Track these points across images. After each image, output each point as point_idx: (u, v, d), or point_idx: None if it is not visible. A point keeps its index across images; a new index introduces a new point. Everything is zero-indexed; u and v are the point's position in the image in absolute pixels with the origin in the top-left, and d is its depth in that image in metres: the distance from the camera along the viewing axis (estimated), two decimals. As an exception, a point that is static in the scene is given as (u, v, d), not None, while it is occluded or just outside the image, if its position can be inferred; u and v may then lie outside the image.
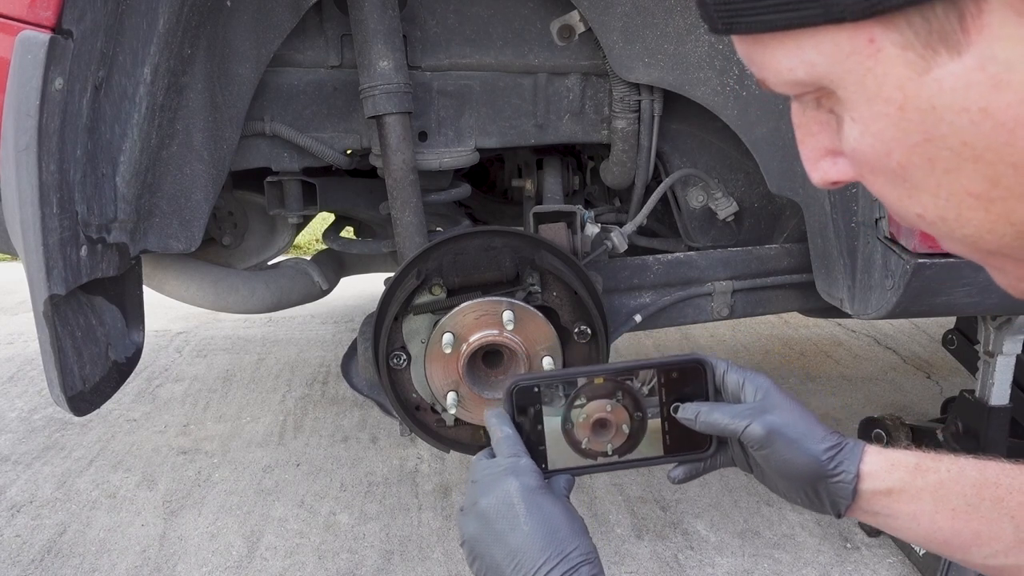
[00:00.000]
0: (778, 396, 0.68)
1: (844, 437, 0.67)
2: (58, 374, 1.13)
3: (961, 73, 0.34)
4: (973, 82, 0.34)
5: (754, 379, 0.70)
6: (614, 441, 0.72)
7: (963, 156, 0.36)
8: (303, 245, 5.33)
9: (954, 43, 0.34)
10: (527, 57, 1.47)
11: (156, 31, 1.15)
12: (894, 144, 0.38)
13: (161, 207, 1.33)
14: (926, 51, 0.35)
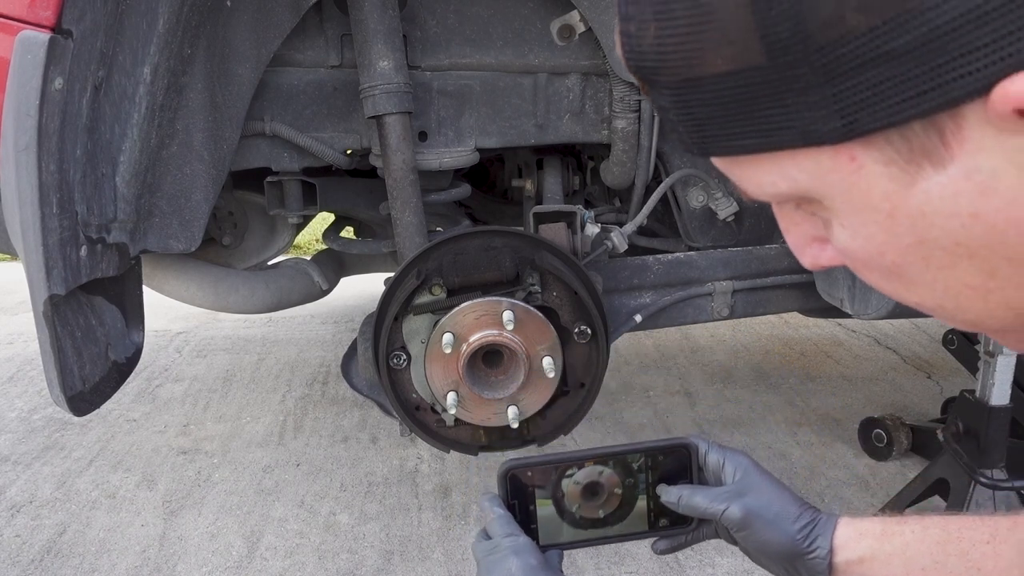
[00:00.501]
0: (755, 476, 0.72)
1: (818, 512, 0.70)
2: (58, 374, 1.13)
3: (947, 183, 0.34)
4: (961, 191, 0.34)
5: (733, 458, 0.74)
6: (606, 506, 0.76)
7: (957, 254, 0.36)
8: (303, 245, 5.33)
9: (937, 157, 0.34)
10: (527, 57, 1.47)
11: (156, 31, 1.14)
12: (886, 247, 0.38)
13: (161, 207, 1.33)
14: (909, 166, 0.34)
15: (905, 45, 0.31)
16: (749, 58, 0.34)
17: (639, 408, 2.54)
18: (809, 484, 2.04)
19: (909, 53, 0.31)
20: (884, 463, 2.13)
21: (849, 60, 0.32)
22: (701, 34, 0.35)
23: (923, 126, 0.33)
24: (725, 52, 0.35)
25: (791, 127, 0.36)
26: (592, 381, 1.34)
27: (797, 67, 0.34)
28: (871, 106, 0.33)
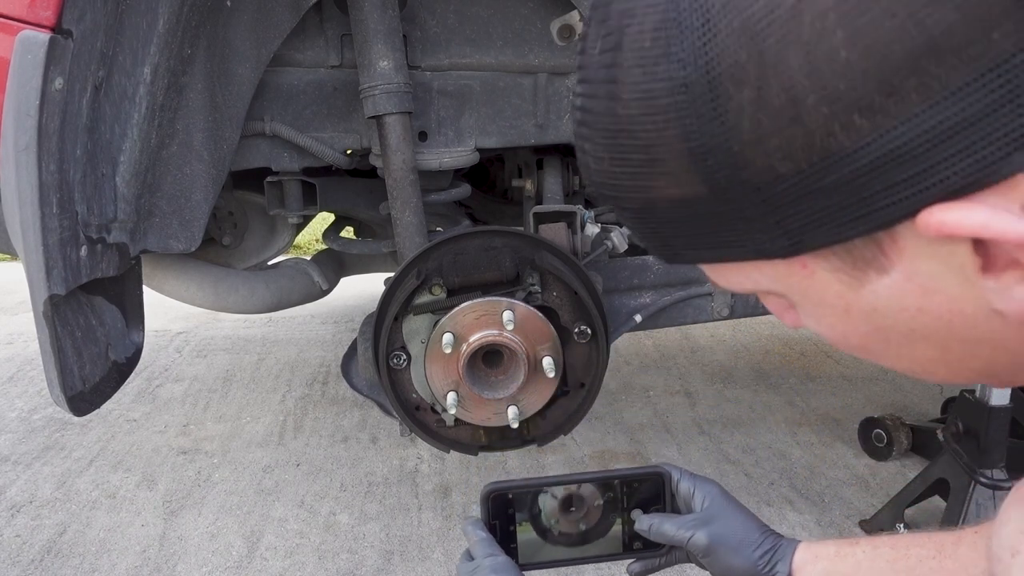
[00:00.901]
0: (722, 504, 0.77)
1: (779, 538, 0.75)
2: (58, 374, 1.13)
3: (892, 285, 0.38)
4: (905, 291, 0.37)
5: (702, 487, 0.78)
6: (586, 520, 0.79)
7: (912, 338, 0.40)
8: (303, 245, 5.33)
9: (879, 265, 0.37)
10: (527, 57, 1.47)
11: (156, 31, 1.14)
12: (848, 334, 0.43)
13: (161, 207, 1.33)
14: (855, 272, 0.38)
15: (833, 182, 0.34)
16: (696, 192, 0.38)
17: (639, 408, 2.54)
18: (809, 484, 2.04)
19: (838, 188, 0.34)
20: (884, 463, 2.13)
21: (785, 196, 0.36)
22: (650, 172, 0.39)
23: (863, 241, 0.36)
24: (674, 188, 0.39)
25: (745, 245, 0.40)
26: (592, 381, 1.34)
27: (739, 202, 0.37)
28: (812, 229, 0.37)
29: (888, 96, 0.32)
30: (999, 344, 0.39)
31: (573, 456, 2.20)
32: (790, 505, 1.94)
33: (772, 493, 2.00)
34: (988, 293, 0.35)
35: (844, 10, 0.32)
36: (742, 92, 0.34)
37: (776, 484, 2.05)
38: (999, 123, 0.31)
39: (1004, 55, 0.30)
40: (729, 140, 0.36)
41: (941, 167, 0.33)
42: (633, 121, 0.38)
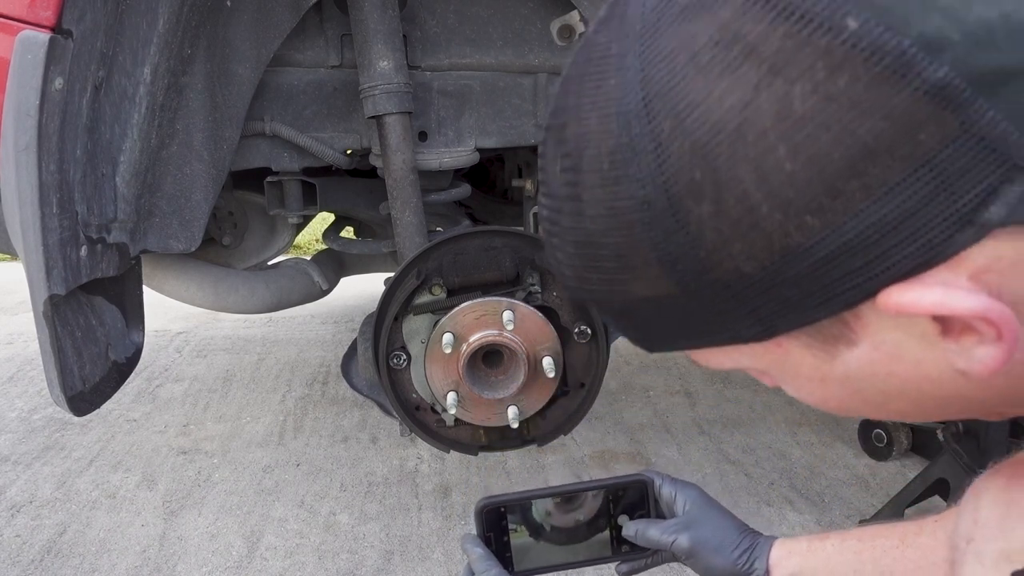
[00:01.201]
0: (703, 507, 0.81)
1: (757, 536, 0.79)
2: (58, 374, 1.13)
3: (862, 355, 0.41)
4: (874, 359, 0.40)
5: (684, 491, 0.82)
6: (576, 526, 0.83)
7: (887, 397, 0.43)
8: (303, 245, 5.33)
9: (847, 340, 0.40)
10: (527, 57, 1.47)
11: (156, 31, 1.14)
12: (827, 399, 0.46)
13: (161, 207, 1.33)
14: (826, 347, 0.41)
15: (795, 275, 0.37)
16: (670, 292, 0.41)
17: (639, 408, 2.54)
18: (809, 484, 2.04)
19: (801, 279, 0.37)
20: (884, 463, 2.13)
21: (753, 291, 0.39)
22: (624, 278, 0.42)
23: (830, 321, 0.39)
24: (647, 290, 0.42)
25: (721, 333, 0.42)
26: (592, 381, 1.34)
27: (711, 299, 0.40)
28: (782, 316, 0.39)
29: (834, 198, 0.35)
30: (968, 397, 0.42)
31: (573, 456, 2.20)
32: (790, 505, 1.94)
33: (772, 493, 2.00)
34: (950, 355, 0.38)
35: (782, 128, 0.34)
36: (701, 206, 0.37)
37: (776, 484, 2.05)
38: (937, 210, 0.34)
39: (931, 152, 0.33)
40: (695, 248, 0.38)
41: (892, 253, 0.35)
42: (601, 234, 0.41)
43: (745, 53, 0.35)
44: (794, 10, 0.34)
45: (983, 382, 0.39)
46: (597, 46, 0.41)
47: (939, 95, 0.33)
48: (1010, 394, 0.42)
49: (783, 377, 0.46)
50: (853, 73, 0.33)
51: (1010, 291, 0.36)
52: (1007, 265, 0.36)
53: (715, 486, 2.04)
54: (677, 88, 0.37)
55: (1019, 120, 0.33)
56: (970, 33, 0.33)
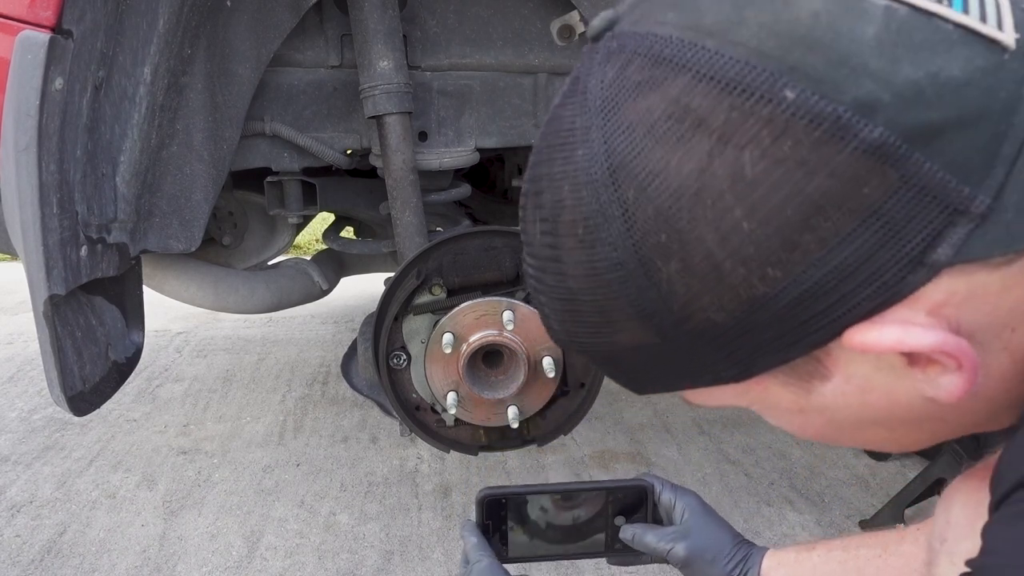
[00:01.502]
0: (700, 517, 0.83)
1: (751, 547, 0.81)
2: (58, 374, 1.13)
3: (836, 388, 0.43)
4: (847, 391, 0.43)
5: (683, 499, 0.85)
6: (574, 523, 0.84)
7: (862, 425, 0.46)
8: (303, 245, 5.33)
9: (821, 375, 0.43)
10: (527, 57, 1.47)
11: (156, 31, 1.14)
12: (805, 428, 0.49)
13: (161, 207, 1.33)
14: (802, 383, 0.44)
15: (765, 321, 0.40)
16: (651, 341, 0.44)
17: (639, 408, 2.54)
18: (809, 484, 2.04)
19: (770, 324, 0.40)
20: (884, 463, 2.13)
21: (726, 337, 0.41)
22: (607, 330, 0.45)
23: (803, 359, 0.42)
24: (630, 339, 0.44)
25: (703, 376, 0.45)
26: (592, 381, 1.34)
27: (689, 346, 0.43)
28: (757, 358, 0.42)
29: (792, 251, 0.37)
30: (938, 420, 0.45)
31: (573, 456, 2.20)
32: (790, 505, 1.94)
33: (772, 493, 2.00)
34: (918, 384, 0.41)
35: (737, 191, 0.37)
36: (669, 265, 0.40)
37: (776, 484, 2.05)
38: (889, 254, 0.37)
39: (877, 203, 0.36)
40: (668, 303, 0.41)
41: (851, 296, 0.38)
42: (583, 292, 0.44)
43: (696, 125, 0.38)
44: (736, 84, 0.37)
45: (952, 406, 0.42)
46: (563, 119, 0.44)
47: (877, 152, 0.35)
48: (980, 415, 0.45)
49: (766, 410, 0.49)
50: (796, 138, 0.36)
51: (967, 322, 0.39)
52: (961, 299, 0.38)
53: (715, 486, 2.04)
54: (638, 158, 0.40)
55: (955, 169, 0.36)
56: (900, 94, 0.35)
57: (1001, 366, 0.41)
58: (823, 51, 0.36)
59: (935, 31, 0.36)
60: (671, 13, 0.40)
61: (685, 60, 0.38)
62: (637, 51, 0.41)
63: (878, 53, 0.36)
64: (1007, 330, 0.40)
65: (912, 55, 0.36)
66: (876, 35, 0.36)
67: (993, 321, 0.39)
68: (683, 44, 0.39)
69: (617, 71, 0.41)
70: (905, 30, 0.36)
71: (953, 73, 0.36)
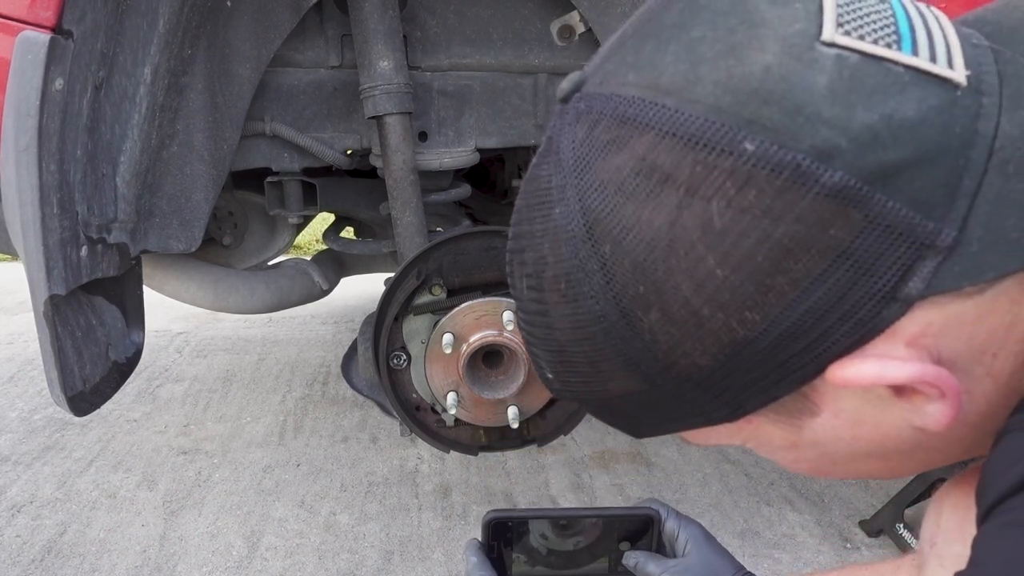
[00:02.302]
0: (703, 548, 0.83)
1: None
2: (58, 374, 1.13)
3: (826, 423, 0.44)
4: (837, 426, 0.44)
5: (687, 528, 0.84)
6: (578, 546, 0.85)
7: (856, 457, 0.47)
8: (303, 245, 5.33)
9: (810, 411, 0.44)
10: (527, 57, 1.47)
11: (156, 31, 1.15)
12: (799, 462, 0.50)
13: (161, 207, 1.33)
14: (792, 420, 0.45)
15: (748, 362, 0.41)
16: (640, 387, 0.45)
17: (639, 408, 2.54)
18: (809, 484, 2.04)
19: (753, 365, 0.41)
20: (884, 463, 2.13)
21: (712, 380, 0.42)
22: (598, 379, 0.46)
23: (792, 397, 0.43)
24: (621, 387, 0.46)
25: (695, 418, 0.46)
26: (592, 381, 1.34)
27: (678, 391, 0.44)
28: (745, 398, 0.43)
29: (766, 294, 0.38)
30: (929, 448, 0.45)
31: (573, 456, 2.20)
32: (790, 505, 1.94)
33: (772, 493, 2.00)
34: (906, 414, 0.42)
35: (707, 241, 0.38)
36: (649, 315, 0.41)
37: (776, 484, 2.05)
38: (861, 291, 0.38)
39: (844, 243, 0.37)
40: (652, 351, 0.42)
41: (829, 333, 0.39)
42: (571, 344, 0.45)
43: (663, 180, 0.39)
44: (698, 139, 0.38)
45: (940, 435, 0.43)
46: (540, 179, 0.46)
47: (839, 195, 0.36)
48: (969, 440, 0.45)
49: (760, 447, 0.50)
50: (759, 187, 0.37)
51: (947, 350, 0.40)
52: (938, 329, 0.39)
53: (715, 486, 2.04)
54: (612, 215, 0.41)
55: (918, 205, 0.37)
56: (856, 138, 0.36)
57: (985, 392, 0.42)
58: (777, 103, 0.37)
59: (886, 75, 0.37)
60: (631, 74, 0.42)
61: (647, 119, 0.40)
62: (603, 112, 0.42)
63: (831, 101, 0.37)
64: (988, 356, 0.41)
65: (865, 100, 0.37)
66: (828, 84, 0.37)
67: (972, 348, 0.40)
68: (644, 104, 0.40)
69: (586, 131, 0.43)
70: (857, 76, 0.37)
71: (907, 114, 0.37)
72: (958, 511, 0.54)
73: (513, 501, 1.97)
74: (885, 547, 1.79)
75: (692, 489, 2.03)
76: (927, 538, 0.57)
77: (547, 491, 2.02)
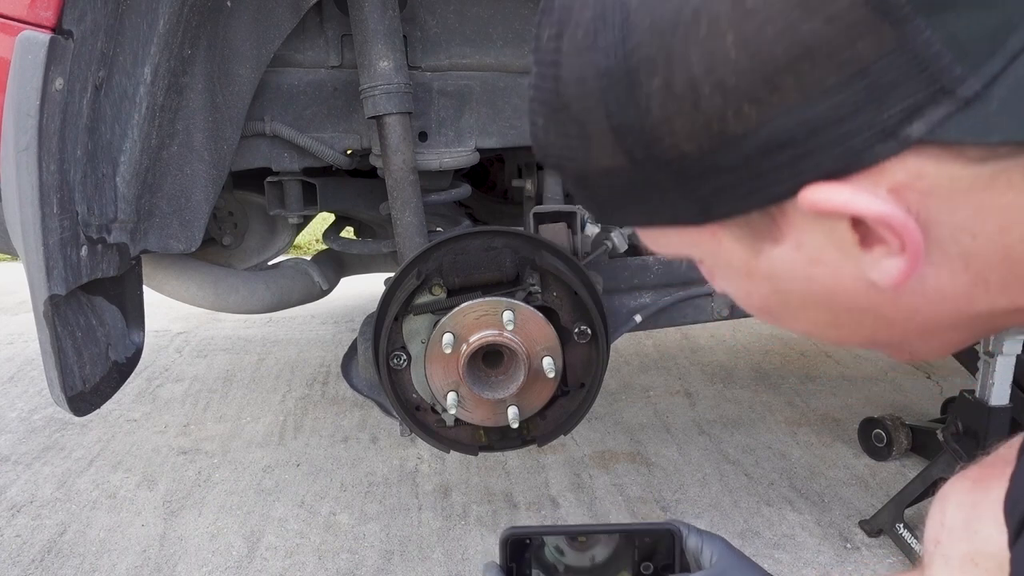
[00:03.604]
0: (729, 560, 0.81)
1: None
2: (58, 374, 1.13)
3: (784, 254, 0.44)
4: (795, 260, 0.44)
5: (710, 542, 0.82)
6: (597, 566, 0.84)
7: (806, 303, 0.46)
8: (303, 245, 5.33)
9: (773, 235, 0.43)
10: (527, 57, 1.47)
11: (156, 31, 1.15)
12: (751, 295, 0.50)
13: (161, 207, 1.33)
14: (754, 242, 0.44)
15: (729, 162, 0.40)
16: (620, 164, 0.44)
17: (639, 408, 2.54)
18: (809, 484, 2.04)
19: (733, 167, 0.40)
20: (884, 463, 2.13)
21: (691, 171, 0.42)
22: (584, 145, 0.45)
23: (759, 214, 0.42)
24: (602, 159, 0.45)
25: (663, 211, 0.46)
26: (592, 381, 1.34)
27: (655, 174, 0.43)
28: (716, 201, 0.43)
29: (771, 91, 0.37)
30: (879, 314, 0.45)
31: (573, 456, 2.20)
32: (790, 505, 1.94)
33: (772, 493, 2.00)
34: (864, 266, 0.41)
35: (734, 17, 0.37)
36: (652, 81, 0.40)
37: (776, 484, 2.05)
38: (864, 118, 0.37)
39: (866, 61, 0.35)
40: (642, 121, 0.41)
41: (817, 153, 0.38)
42: (571, 100, 0.44)
43: None
44: None
45: (894, 298, 0.42)
46: None
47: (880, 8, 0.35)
48: (919, 319, 0.45)
49: (716, 268, 0.50)
50: None
51: (927, 213, 0.39)
52: (926, 186, 0.38)
53: (715, 486, 2.04)
54: None
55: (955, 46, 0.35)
56: None
57: (953, 271, 0.41)
58: None
59: None
60: None
61: None
62: None
63: None
64: (967, 235, 0.39)
65: None
66: None
67: (953, 221, 0.39)
68: None
69: None
70: None
71: None
72: (963, 509, 0.53)
73: (513, 501, 1.97)
74: (885, 547, 1.79)
75: (692, 489, 2.03)
76: (931, 537, 0.56)
77: (547, 491, 2.02)
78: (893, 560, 1.74)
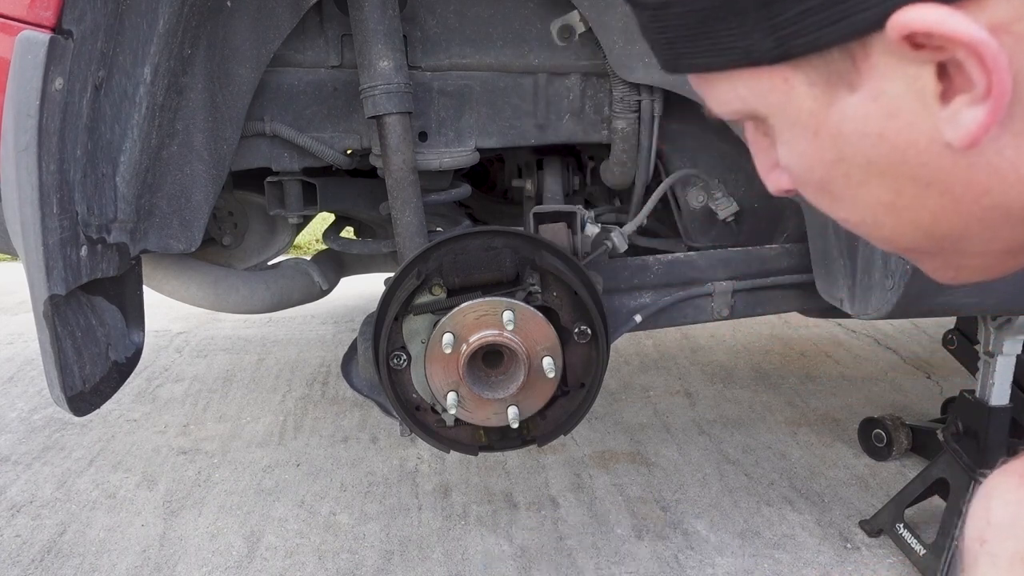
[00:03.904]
0: None
1: None
2: (58, 374, 1.13)
3: (859, 104, 0.41)
4: (869, 112, 0.41)
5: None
6: None
7: (870, 172, 0.44)
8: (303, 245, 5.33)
9: (850, 81, 0.41)
10: (527, 57, 1.47)
11: (156, 31, 1.14)
12: (814, 162, 0.46)
13: (161, 207, 1.33)
14: (828, 87, 0.42)
15: None
16: None
17: (639, 408, 2.54)
18: (809, 484, 2.04)
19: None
20: (884, 463, 2.13)
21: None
22: None
23: (840, 52, 0.40)
24: None
25: (737, 47, 0.43)
26: (592, 381, 1.34)
27: None
28: (797, 33, 0.40)
29: None
30: (946, 189, 0.42)
31: (573, 456, 2.20)
32: (790, 505, 1.94)
33: (772, 493, 2.00)
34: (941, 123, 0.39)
35: None
36: None
37: (776, 484, 2.05)
38: None
39: None
40: None
41: None
42: None
43: None
44: None
45: (967, 167, 0.40)
46: None
47: None
48: (987, 202, 0.42)
49: (780, 126, 0.47)
50: None
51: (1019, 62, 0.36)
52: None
53: (715, 486, 2.04)
54: None
55: None
56: None
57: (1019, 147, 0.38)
58: None
59: None
60: None
61: None
62: None
63: None
64: None
65: None
66: None
67: None
68: None
69: None
70: None
71: None
72: (1010, 506, 0.51)
73: (513, 501, 1.97)
74: (885, 547, 1.79)
75: (692, 489, 2.03)
76: (975, 536, 0.53)
77: (547, 491, 2.02)
78: (893, 560, 1.74)
